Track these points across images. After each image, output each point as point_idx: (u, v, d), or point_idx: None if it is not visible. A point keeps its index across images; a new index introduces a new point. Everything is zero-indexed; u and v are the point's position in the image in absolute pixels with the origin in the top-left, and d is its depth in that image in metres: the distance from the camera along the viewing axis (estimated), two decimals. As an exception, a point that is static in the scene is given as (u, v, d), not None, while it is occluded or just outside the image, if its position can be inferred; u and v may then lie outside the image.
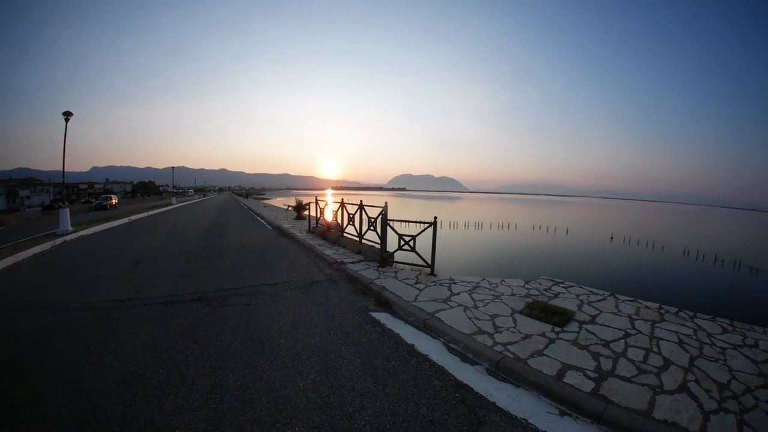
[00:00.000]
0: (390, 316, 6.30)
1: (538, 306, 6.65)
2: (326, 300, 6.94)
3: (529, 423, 3.70)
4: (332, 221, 14.32)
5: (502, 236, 33.75)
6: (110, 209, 36.39)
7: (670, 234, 46.95)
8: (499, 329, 5.71)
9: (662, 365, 4.93)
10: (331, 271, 9.14)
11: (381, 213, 9.59)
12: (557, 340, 5.42)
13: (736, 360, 5.25)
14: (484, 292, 7.51)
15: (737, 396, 4.31)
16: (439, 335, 5.57)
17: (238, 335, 5.21)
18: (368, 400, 3.84)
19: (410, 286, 7.74)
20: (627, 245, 32.31)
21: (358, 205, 11.25)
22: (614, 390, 4.25)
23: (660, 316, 6.83)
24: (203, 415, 3.47)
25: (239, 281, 7.92)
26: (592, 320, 6.35)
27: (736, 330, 6.40)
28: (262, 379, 4.11)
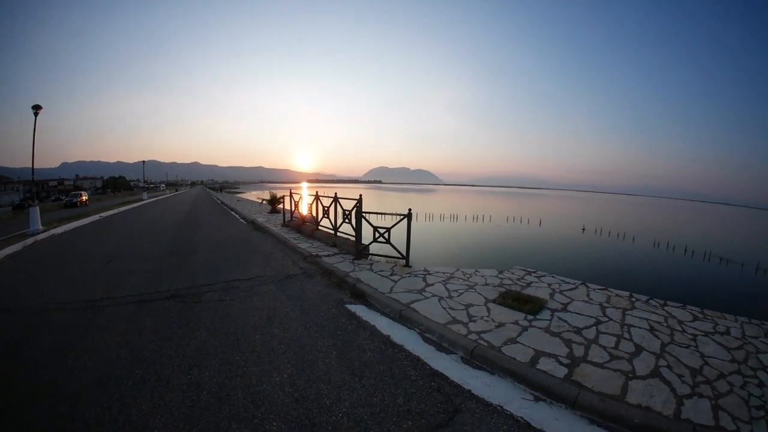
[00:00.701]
0: (365, 308, 6.30)
1: (511, 295, 6.75)
2: (301, 294, 6.90)
3: (504, 409, 3.75)
4: (307, 214, 14.23)
5: (476, 228, 34.09)
6: (81, 206, 35.39)
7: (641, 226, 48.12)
8: (474, 318, 5.76)
9: (634, 351, 5.04)
10: (306, 264, 9.09)
11: (356, 206, 9.57)
12: (530, 328, 5.50)
13: (708, 346, 5.39)
14: (459, 283, 7.57)
15: (711, 381, 4.42)
16: (415, 325, 5.60)
17: (212, 332, 5.14)
18: (345, 392, 3.84)
19: (385, 277, 7.76)
20: (598, 236, 33.00)
21: (333, 198, 11.19)
22: (587, 375, 4.33)
23: (631, 304, 6.98)
24: (180, 414, 3.41)
25: (213, 277, 7.81)
26: (564, 308, 6.46)
27: (707, 318, 6.58)
28: (238, 375, 4.07)
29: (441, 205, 64.73)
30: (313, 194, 13.09)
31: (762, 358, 5.17)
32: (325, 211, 12.07)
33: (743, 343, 5.64)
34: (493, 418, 3.59)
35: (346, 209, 10.43)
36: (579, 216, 58.67)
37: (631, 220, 57.33)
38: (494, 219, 42.84)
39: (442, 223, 36.37)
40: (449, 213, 45.89)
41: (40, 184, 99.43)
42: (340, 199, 11.10)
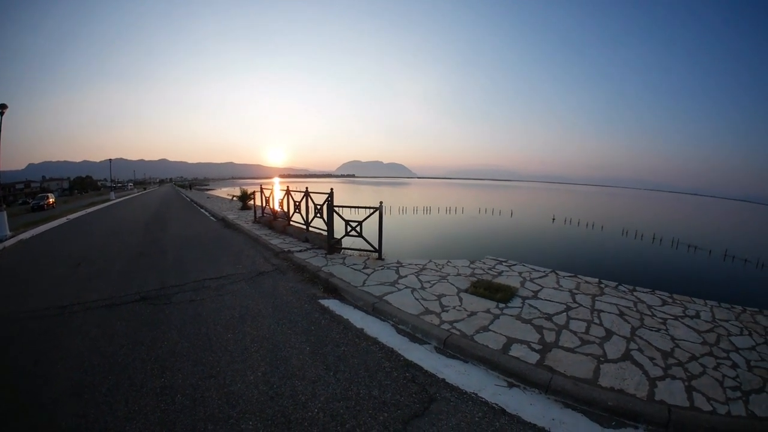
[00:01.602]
0: (339, 303, 6.29)
1: (482, 284, 6.81)
2: (273, 290, 6.84)
3: (478, 396, 3.80)
4: (278, 210, 14.07)
5: (449, 220, 34.40)
6: (48, 209, 34.26)
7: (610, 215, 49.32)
8: (446, 308, 5.81)
9: (604, 336, 5.15)
10: (278, 261, 9.00)
11: (327, 200, 9.50)
12: (502, 316, 5.58)
13: (679, 330, 5.53)
14: (431, 274, 7.62)
15: (683, 363, 4.54)
16: (388, 318, 5.62)
17: (184, 333, 5.05)
18: (320, 387, 3.83)
19: (358, 271, 7.75)
20: (568, 226, 33.68)
21: (304, 193, 11.06)
22: (559, 360, 4.41)
23: (600, 290, 7.12)
24: (156, 418, 3.35)
25: (183, 277, 7.66)
26: (534, 296, 6.56)
27: (677, 302, 6.75)
28: (212, 375, 4.01)
29: (414, 198, 65.08)
30: (285, 189, 12.94)
31: (734, 341, 5.33)
32: (296, 206, 11.93)
33: (714, 326, 5.81)
34: (468, 406, 3.64)
35: (318, 204, 10.34)
36: (549, 206, 59.79)
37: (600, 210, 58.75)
38: (467, 211, 43.33)
39: (416, 216, 36.60)
40: (422, 206, 46.20)
41: (6, 187, 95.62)
42: (311, 194, 11.00)
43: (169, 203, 33.01)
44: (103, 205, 33.85)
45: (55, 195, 51.15)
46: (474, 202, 62.48)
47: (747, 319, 6.22)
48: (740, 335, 5.55)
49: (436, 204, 50.56)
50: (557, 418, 3.58)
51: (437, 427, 3.33)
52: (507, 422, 3.45)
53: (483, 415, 3.52)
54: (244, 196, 23.39)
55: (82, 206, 33.35)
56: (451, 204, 51.39)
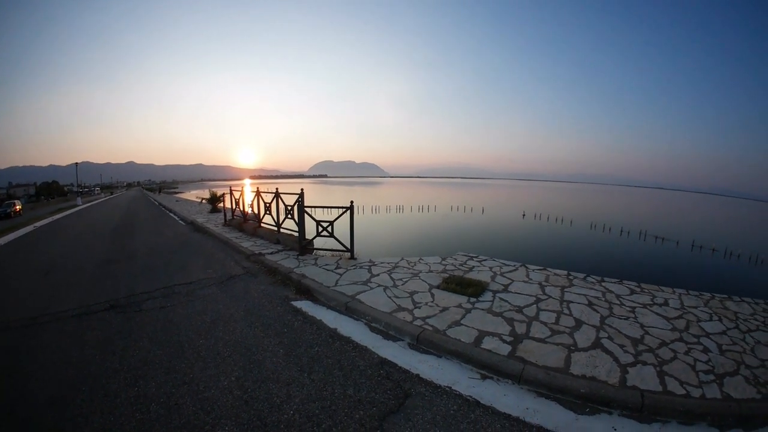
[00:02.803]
0: (311, 304, 6.27)
1: (454, 280, 6.90)
2: (245, 294, 6.75)
3: (453, 390, 3.85)
4: (249, 212, 13.91)
5: (421, 218, 34.59)
6: (15, 216, 32.91)
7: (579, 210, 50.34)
8: (418, 305, 5.86)
9: (574, 325, 5.28)
10: (249, 263, 8.89)
11: (297, 200, 9.42)
12: (473, 310, 5.65)
13: (647, 317, 5.70)
14: (403, 271, 7.67)
15: (653, 349, 4.68)
16: (361, 317, 5.62)
17: (156, 341, 4.94)
18: (295, 388, 3.82)
19: (331, 271, 7.73)
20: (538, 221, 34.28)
21: (274, 194, 10.96)
22: (530, 351, 4.50)
23: (569, 281, 7.28)
24: (131, 427, 3.29)
25: (153, 283, 7.48)
26: (505, 289, 6.67)
27: (645, 291, 6.95)
28: (185, 383, 3.95)
29: (387, 198, 65.28)
30: (255, 191, 12.80)
31: (704, 326, 5.52)
32: (266, 208, 11.82)
33: (683, 312, 6.00)
34: (442, 400, 3.69)
35: (289, 204, 10.25)
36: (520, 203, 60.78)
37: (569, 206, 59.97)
38: (439, 209, 43.64)
39: (388, 215, 36.67)
40: (395, 204, 46.33)
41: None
42: (281, 195, 10.89)
43: (137, 208, 32.26)
44: (70, 211, 32.85)
45: (22, 201, 49.18)
46: (446, 199, 63.03)
47: (716, 306, 6.43)
48: (710, 321, 5.74)
49: (409, 202, 50.84)
50: (531, 407, 3.66)
51: (413, 422, 3.35)
52: (482, 413, 3.51)
53: (458, 408, 3.57)
54: (213, 199, 23.02)
55: (50, 213, 32.29)
56: (423, 202, 51.71)
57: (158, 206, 32.54)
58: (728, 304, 6.55)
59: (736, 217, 67.37)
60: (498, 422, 3.40)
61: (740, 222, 56.14)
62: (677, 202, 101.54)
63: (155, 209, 29.33)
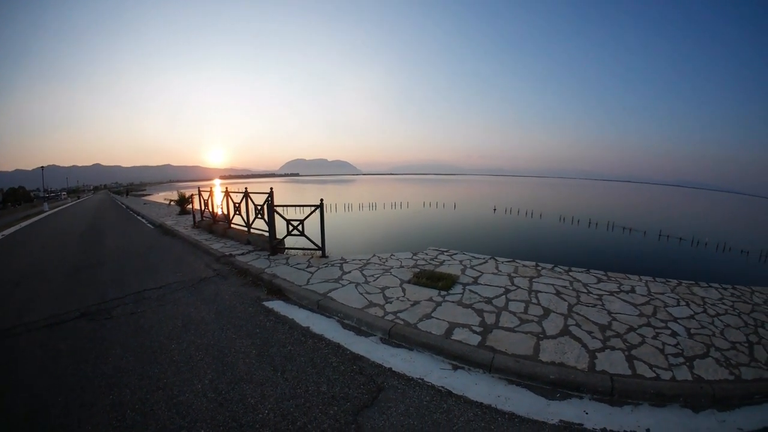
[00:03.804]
0: (283, 303, 6.24)
1: (425, 274, 6.97)
2: (216, 296, 6.68)
3: (425, 381, 3.92)
4: (219, 213, 13.72)
5: (394, 215, 34.68)
6: None
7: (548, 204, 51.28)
8: (390, 300, 5.91)
9: (542, 314, 5.41)
10: (219, 265, 8.78)
11: (267, 200, 9.34)
12: (444, 303, 5.74)
13: (615, 304, 5.87)
14: (375, 268, 7.71)
15: (621, 335, 4.83)
16: (333, 314, 5.64)
17: (128, 347, 4.85)
18: (268, 388, 3.82)
19: (302, 270, 7.70)
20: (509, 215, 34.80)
21: (244, 194, 10.83)
22: (500, 340, 4.60)
23: (537, 272, 7.44)
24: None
25: (122, 289, 7.32)
26: (474, 281, 6.79)
27: (611, 279, 7.15)
28: (159, 388, 3.90)
29: (360, 195, 65.24)
30: (224, 191, 12.63)
31: (671, 311, 5.71)
32: (236, 208, 11.66)
33: (650, 299, 6.19)
34: (415, 391, 3.75)
35: (258, 204, 10.14)
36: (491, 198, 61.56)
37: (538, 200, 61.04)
38: (412, 205, 43.85)
39: (361, 213, 36.65)
40: (368, 202, 46.35)
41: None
42: (251, 194, 10.78)
43: (105, 212, 31.37)
44: (37, 218, 31.76)
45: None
46: (419, 196, 63.35)
47: (683, 291, 6.66)
48: (677, 306, 5.95)
49: (382, 200, 50.90)
50: (502, 394, 3.75)
51: (387, 414, 3.40)
52: (454, 403, 3.58)
53: (431, 399, 3.63)
54: (182, 200, 22.56)
55: (17, 220, 31.11)
56: (396, 199, 51.86)
57: (126, 210, 31.76)
58: (695, 290, 6.78)
59: (704, 208, 69.80)
60: (471, 411, 3.48)
61: (708, 212, 58.23)
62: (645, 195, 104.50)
63: (123, 213, 28.62)
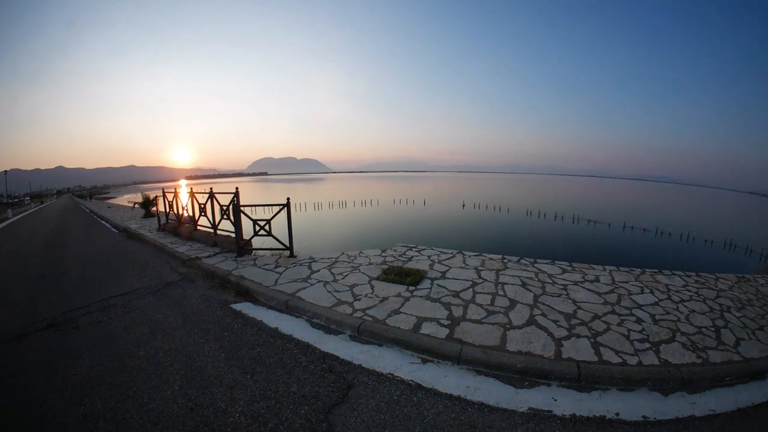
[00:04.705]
0: (251, 305, 6.19)
1: (393, 270, 7.02)
2: (182, 301, 6.57)
3: (395, 376, 3.97)
4: (184, 215, 13.46)
5: (364, 212, 34.74)
6: None
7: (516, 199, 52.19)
8: (358, 297, 5.93)
9: (509, 305, 5.53)
10: (185, 269, 8.63)
11: (232, 200, 9.20)
12: (412, 298, 5.80)
13: (579, 293, 6.05)
14: (344, 266, 7.71)
15: (586, 323, 4.98)
16: (302, 314, 5.62)
17: (96, 357, 4.74)
18: (238, 391, 3.80)
19: (270, 271, 7.64)
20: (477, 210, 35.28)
21: (209, 194, 10.63)
22: (467, 332, 4.68)
23: (504, 265, 7.58)
24: None
25: (88, 297, 7.11)
26: (442, 276, 6.88)
27: (576, 269, 7.34)
28: (129, 396, 3.83)
29: (330, 194, 65.08)
30: (189, 192, 12.38)
31: (636, 299, 5.91)
32: (201, 210, 11.43)
33: (614, 287, 6.40)
34: (385, 386, 3.80)
35: (224, 205, 9.95)
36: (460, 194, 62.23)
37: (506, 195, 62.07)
38: (382, 203, 44.01)
39: (331, 211, 36.57)
40: (338, 200, 46.25)
41: None
42: (216, 195, 10.58)
43: (69, 217, 30.38)
44: (1, 225, 30.58)
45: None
46: (389, 193, 63.63)
47: (647, 279, 6.90)
48: (641, 293, 6.16)
49: (352, 198, 50.90)
50: (472, 385, 3.83)
51: (358, 411, 3.43)
52: (424, 396, 3.65)
53: (401, 393, 3.68)
54: (146, 203, 22.13)
55: (-21, 229, 29.89)
56: (366, 197, 51.94)
57: (89, 214, 30.85)
58: (659, 278, 7.03)
59: (667, 200, 72.20)
60: (441, 402, 3.55)
61: (671, 205, 60.31)
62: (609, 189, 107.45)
63: (87, 218, 27.78)
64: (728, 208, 61.26)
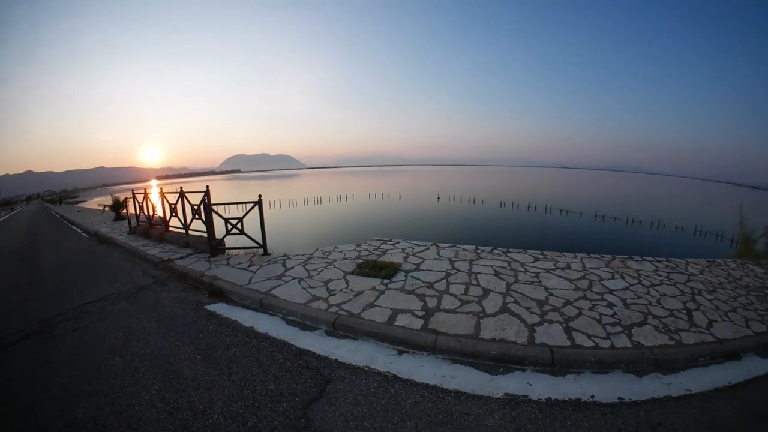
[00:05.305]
0: (226, 305, 6.14)
1: (368, 264, 7.06)
2: (156, 304, 6.48)
3: (372, 369, 4.02)
4: (154, 216, 13.21)
5: (339, 208, 34.69)
6: None
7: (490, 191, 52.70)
8: (333, 292, 5.94)
9: (482, 294, 5.61)
10: (158, 272, 8.49)
11: (203, 199, 9.05)
12: (387, 291, 5.84)
13: (551, 281, 6.18)
14: (318, 262, 7.69)
15: (558, 309, 5.10)
16: (277, 311, 5.60)
17: (73, 365, 4.66)
18: (216, 392, 3.79)
19: (244, 270, 7.57)
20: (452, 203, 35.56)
21: (179, 193, 10.39)
22: (442, 322, 4.75)
23: (477, 255, 7.68)
24: None
25: (62, 305, 6.95)
26: (417, 268, 6.94)
27: (547, 258, 7.49)
28: (108, 404, 3.79)
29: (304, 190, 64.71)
30: (159, 192, 12.14)
31: (606, 284, 6.07)
32: (172, 210, 11.22)
33: (585, 274, 6.55)
34: (362, 379, 3.84)
35: (195, 204, 9.73)
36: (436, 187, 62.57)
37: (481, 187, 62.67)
38: (357, 197, 43.96)
39: (306, 207, 36.39)
40: (313, 196, 46.03)
41: None
42: (186, 194, 10.35)
43: (39, 223, 29.56)
44: None
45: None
46: (364, 188, 63.57)
47: (618, 265, 7.07)
48: (612, 279, 6.33)
49: (327, 193, 50.72)
50: (447, 374, 3.90)
51: (335, 405, 3.47)
52: (401, 386, 3.70)
53: (378, 385, 3.73)
54: (116, 205, 21.66)
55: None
56: (341, 192, 51.81)
57: (60, 219, 30.08)
58: (630, 264, 7.22)
59: (638, 190, 73.88)
60: (417, 392, 3.61)
61: (642, 194, 61.75)
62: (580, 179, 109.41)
63: (58, 223, 27.10)
64: (699, 196, 63.22)
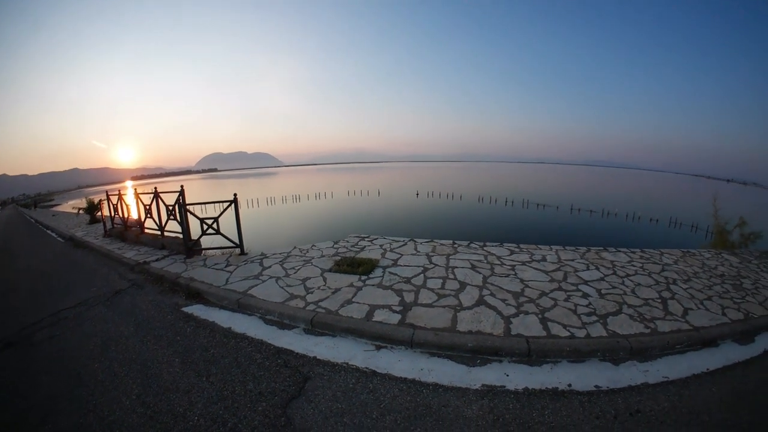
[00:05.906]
0: (203, 307, 6.10)
1: (345, 261, 7.09)
2: (133, 308, 6.40)
3: (350, 365, 4.07)
4: (129, 218, 13.01)
5: (318, 205, 34.64)
6: None
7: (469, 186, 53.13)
8: (311, 290, 5.95)
9: (459, 288, 5.69)
10: (134, 275, 8.37)
11: (177, 199, 8.90)
12: (364, 287, 5.88)
13: (527, 273, 6.30)
14: (296, 260, 7.67)
15: (534, 300, 5.20)
16: (255, 311, 5.59)
17: (53, 373, 4.60)
18: (195, 395, 3.79)
19: (221, 270, 7.50)
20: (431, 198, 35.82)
21: (153, 194, 10.21)
22: (419, 317, 4.81)
23: (454, 249, 7.77)
24: None
25: (39, 312, 6.81)
26: (394, 263, 6.99)
27: (524, 250, 7.60)
28: (89, 410, 3.76)
29: (282, 188, 64.31)
30: (134, 194, 11.93)
31: (581, 275, 6.20)
32: (147, 211, 11.02)
33: (560, 266, 6.69)
34: (341, 376, 3.88)
35: (170, 204, 9.60)
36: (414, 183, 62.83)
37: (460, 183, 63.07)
38: (336, 194, 43.92)
39: (284, 206, 36.26)
40: (291, 194, 45.78)
41: None
42: (161, 194, 10.18)
43: (14, 229, 28.82)
44: None
45: None
46: (343, 185, 63.54)
47: (592, 257, 7.22)
48: (587, 270, 6.47)
49: (306, 191, 50.50)
50: (425, 367, 3.97)
51: (315, 402, 3.50)
52: (379, 381, 3.76)
53: (356, 381, 3.78)
54: (91, 208, 21.26)
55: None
56: (320, 190, 51.66)
57: (34, 224, 29.42)
58: (604, 255, 7.37)
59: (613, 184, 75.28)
60: (396, 386, 3.67)
61: (617, 188, 62.95)
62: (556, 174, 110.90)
63: (32, 228, 26.50)
64: (674, 190, 64.69)
